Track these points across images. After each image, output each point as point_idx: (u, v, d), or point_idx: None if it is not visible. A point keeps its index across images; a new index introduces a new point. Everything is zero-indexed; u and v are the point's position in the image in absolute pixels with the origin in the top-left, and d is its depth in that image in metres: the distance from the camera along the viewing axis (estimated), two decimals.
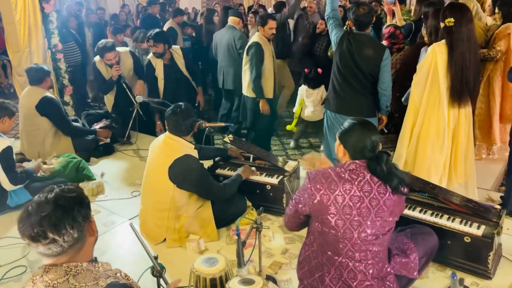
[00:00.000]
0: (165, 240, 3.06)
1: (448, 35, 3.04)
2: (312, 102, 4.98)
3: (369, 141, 1.98)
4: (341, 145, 2.06)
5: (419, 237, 2.38)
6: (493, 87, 4.15)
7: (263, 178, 3.36)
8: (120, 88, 4.83)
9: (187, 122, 3.00)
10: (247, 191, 3.33)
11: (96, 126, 4.80)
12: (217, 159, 3.69)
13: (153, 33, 4.66)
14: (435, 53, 3.08)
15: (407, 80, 3.44)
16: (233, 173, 3.39)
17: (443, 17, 3.06)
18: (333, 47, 3.49)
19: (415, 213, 2.75)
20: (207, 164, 3.51)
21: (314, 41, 5.87)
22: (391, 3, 4.71)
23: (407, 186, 2.03)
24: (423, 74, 3.18)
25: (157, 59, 4.74)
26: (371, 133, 2.00)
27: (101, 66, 4.85)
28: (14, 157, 3.50)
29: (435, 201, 2.81)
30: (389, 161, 1.98)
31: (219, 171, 3.54)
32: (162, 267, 2.04)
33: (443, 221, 2.68)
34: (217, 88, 5.97)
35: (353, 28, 3.43)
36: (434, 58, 3.09)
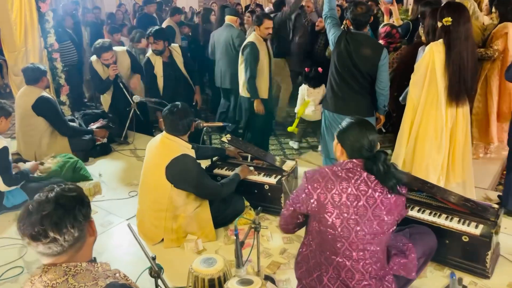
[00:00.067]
0: (162, 241, 3.05)
1: (445, 34, 3.04)
2: (313, 101, 4.95)
3: (366, 141, 1.98)
4: (339, 144, 2.06)
5: (417, 237, 2.38)
6: (490, 86, 4.15)
7: (261, 178, 3.35)
8: (117, 87, 4.82)
9: (184, 122, 2.99)
10: (245, 191, 3.32)
11: (93, 126, 4.79)
12: (214, 159, 3.68)
13: (153, 30, 4.68)
14: (433, 53, 3.09)
15: (405, 79, 3.43)
16: (231, 173, 3.38)
17: (441, 16, 3.06)
18: (331, 47, 3.48)
19: (414, 213, 2.75)
20: (204, 164, 3.50)
21: (313, 39, 5.86)
22: (389, 3, 4.71)
23: (405, 186, 2.02)
24: (421, 73, 3.18)
25: (156, 56, 4.73)
26: (368, 133, 2.00)
27: (98, 65, 4.83)
28: (10, 158, 3.48)
29: (433, 200, 2.81)
30: (386, 160, 1.98)
31: (216, 171, 3.53)
32: (160, 267, 2.04)
33: (441, 220, 2.68)
34: (215, 87, 5.95)
35: (350, 27, 3.42)
36: (432, 57, 3.09)
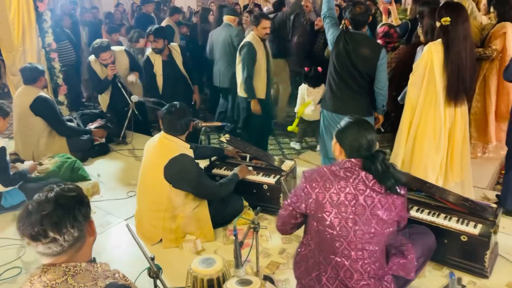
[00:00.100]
0: (161, 241, 3.04)
1: (444, 34, 3.04)
2: (312, 100, 4.95)
3: (365, 140, 1.98)
4: (338, 143, 2.06)
5: (416, 237, 2.38)
6: (489, 86, 4.16)
7: (260, 178, 3.35)
8: (115, 87, 4.81)
9: (182, 122, 2.98)
10: (244, 191, 3.32)
11: (91, 126, 4.77)
12: (213, 158, 3.67)
13: (153, 28, 4.70)
14: (431, 52, 3.09)
15: (404, 79, 3.43)
16: (229, 173, 3.37)
17: (439, 16, 3.06)
18: (329, 47, 3.48)
19: (412, 212, 2.75)
20: (203, 164, 3.50)
21: (312, 39, 5.86)
22: (387, 3, 4.71)
23: (404, 186, 2.01)
24: (419, 73, 3.18)
25: (156, 55, 4.73)
26: (367, 132, 2.00)
27: (96, 65, 4.81)
28: (8, 158, 3.47)
29: (432, 200, 2.82)
30: (385, 160, 1.98)
31: (215, 171, 3.52)
32: (158, 268, 2.03)
33: (440, 220, 2.68)
34: (213, 87, 5.95)
35: (349, 27, 3.42)
36: (430, 57, 3.10)
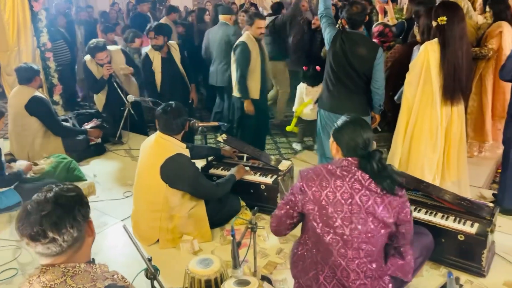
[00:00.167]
0: (158, 241, 3.03)
1: (440, 33, 3.05)
2: (311, 100, 4.93)
3: (361, 139, 1.98)
4: (335, 142, 2.07)
5: (414, 237, 2.37)
6: (485, 85, 4.18)
7: (257, 178, 3.34)
8: (112, 87, 4.78)
9: (178, 121, 2.97)
10: (241, 191, 3.31)
11: (87, 126, 4.75)
12: (210, 158, 3.66)
13: (154, 25, 4.73)
14: (428, 52, 3.10)
15: (400, 78, 3.44)
16: (226, 173, 3.36)
17: (436, 15, 3.07)
18: (326, 46, 3.48)
19: None
20: (200, 164, 3.49)
21: (309, 38, 5.86)
22: (384, 2, 4.71)
23: (401, 187, 2.00)
24: (415, 72, 3.19)
25: (155, 52, 4.72)
26: (363, 131, 2.00)
27: (92, 65, 4.79)
28: (3, 158, 3.44)
29: (429, 199, 2.82)
30: (381, 160, 1.98)
31: (212, 171, 3.52)
32: (156, 269, 2.02)
33: (437, 219, 2.69)
34: (209, 86, 5.93)
35: (346, 26, 3.42)
36: (427, 56, 3.10)
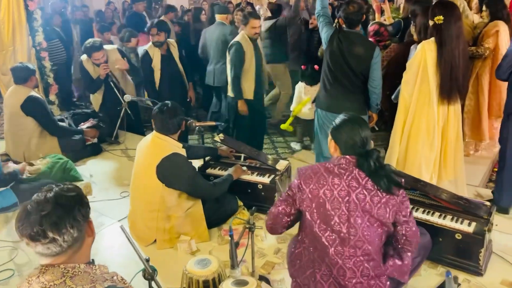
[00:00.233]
0: (155, 241, 3.02)
1: (437, 32, 3.05)
2: (309, 99, 4.92)
3: (359, 137, 1.99)
4: (333, 140, 2.08)
5: None
6: (481, 84, 4.18)
7: (254, 178, 3.34)
8: (108, 87, 4.76)
9: (175, 121, 2.96)
10: (239, 190, 3.31)
11: (83, 126, 4.73)
12: (207, 158, 3.65)
13: (156, 21, 4.75)
14: (425, 51, 3.10)
15: (397, 78, 3.44)
16: (224, 172, 3.36)
17: (432, 15, 3.07)
18: (323, 45, 3.48)
19: None
20: (197, 164, 3.48)
21: (307, 37, 5.86)
22: (381, 1, 4.71)
23: (399, 186, 1.99)
24: (412, 72, 3.19)
25: (155, 49, 4.71)
26: (361, 129, 2.01)
27: (88, 65, 4.77)
28: None
29: (426, 198, 2.83)
30: (379, 158, 1.99)
31: (209, 170, 3.51)
32: (153, 269, 2.01)
33: (435, 218, 2.69)
34: (205, 86, 5.92)
35: (343, 26, 3.42)
36: (424, 55, 3.11)
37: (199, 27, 6.40)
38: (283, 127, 5.21)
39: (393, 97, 3.65)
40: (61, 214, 1.34)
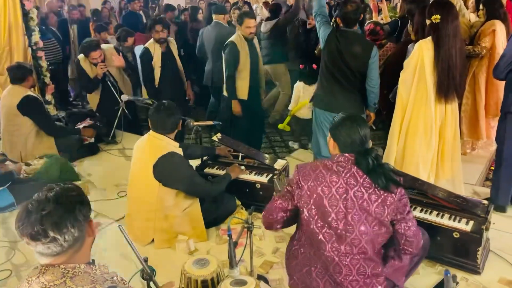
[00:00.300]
0: (153, 241, 3.01)
1: (434, 32, 3.06)
2: (308, 98, 4.92)
3: (358, 136, 2.00)
4: (332, 138, 2.09)
5: None
6: (478, 83, 4.20)
7: (252, 177, 3.34)
8: (105, 86, 4.75)
9: (171, 120, 2.95)
10: (237, 190, 3.30)
11: (80, 126, 4.71)
12: (205, 158, 3.64)
13: (159, 18, 4.79)
14: (422, 50, 3.11)
15: (395, 77, 3.45)
16: (222, 172, 3.35)
17: (429, 14, 3.08)
18: (321, 45, 3.49)
19: None
20: (195, 163, 3.47)
21: (305, 37, 5.86)
22: (378, 1, 4.72)
23: (397, 185, 1.99)
24: (410, 71, 3.20)
25: (156, 46, 4.69)
26: (360, 128, 2.02)
27: (85, 64, 4.75)
28: None
29: (424, 197, 2.83)
30: (377, 156, 2.00)
31: (207, 170, 3.50)
32: (152, 270, 2.00)
33: (432, 217, 2.70)
34: (202, 84, 5.91)
35: (340, 25, 3.42)
36: (421, 55, 3.11)
37: (197, 26, 6.39)
38: (280, 126, 5.22)
39: (390, 96, 3.66)
40: (62, 213, 1.33)
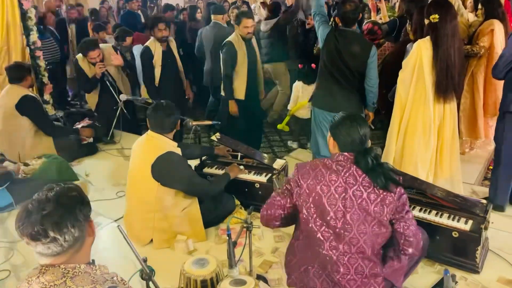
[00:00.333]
0: (151, 241, 3.01)
1: (433, 31, 3.06)
2: (307, 98, 4.91)
3: (357, 135, 2.01)
4: (332, 137, 2.09)
5: None
6: (477, 82, 4.20)
7: (251, 177, 3.33)
8: (104, 86, 4.74)
9: (169, 120, 2.95)
10: (236, 190, 3.30)
11: (79, 125, 4.71)
12: (204, 157, 3.64)
13: (160, 16, 4.88)
14: (420, 50, 3.11)
15: (393, 76, 3.45)
16: (220, 172, 3.35)
17: (428, 13, 3.08)
18: (320, 44, 3.49)
19: None
20: (194, 163, 3.47)
21: (303, 37, 5.86)
22: (377, 0, 4.73)
23: (397, 184, 2.00)
24: (408, 70, 3.20)
25: (157, 45, 4.68)
26: (360, 127, 2.02)
27: (83, 64, 4.74)
28: None
29: (423, 197, 2.83)
30: (377, 156, 2.00)
31: (206, 169, 3.50)
32: (151, 270, 2.00)
33: (431, 216, 2.70)
34: (201, 84, 5.90)
35: (339, 24, 3.42)
36: (419, 54, 3.12)
37: (195, 26, 6.38)
38: (279, 127, 5.21)
39: (389, 95, 3.66)
40: (63, 213, 1.33)
